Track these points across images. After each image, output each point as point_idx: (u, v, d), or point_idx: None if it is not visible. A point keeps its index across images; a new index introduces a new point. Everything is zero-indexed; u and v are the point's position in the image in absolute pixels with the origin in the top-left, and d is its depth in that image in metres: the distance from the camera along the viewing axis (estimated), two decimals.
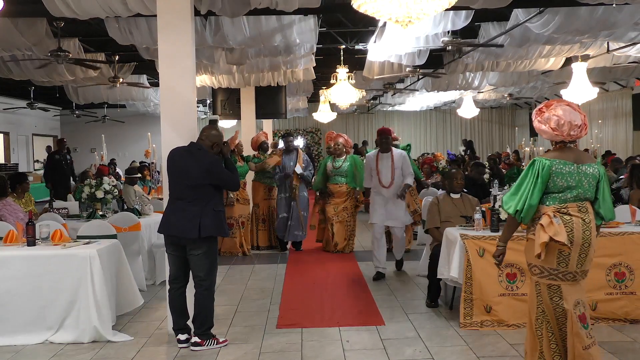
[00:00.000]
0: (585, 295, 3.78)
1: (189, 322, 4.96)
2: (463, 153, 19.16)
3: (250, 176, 9.64)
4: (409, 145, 9.34)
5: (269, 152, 9.78)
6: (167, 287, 5.02)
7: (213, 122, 5.79)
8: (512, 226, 3.88)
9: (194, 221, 4.67)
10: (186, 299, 4.97)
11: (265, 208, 9.45)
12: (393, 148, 7.30)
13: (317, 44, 8.97)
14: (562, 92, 10.82)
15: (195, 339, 4.85)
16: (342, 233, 8.97)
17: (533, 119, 3.85)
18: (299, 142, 24.09)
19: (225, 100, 12.39)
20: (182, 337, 4.91)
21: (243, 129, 12.33)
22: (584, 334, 3.65)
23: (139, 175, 10.05)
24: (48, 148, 19.80)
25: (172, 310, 4.99)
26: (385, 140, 7.24)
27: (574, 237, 3.61)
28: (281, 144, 12.16)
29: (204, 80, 11.22)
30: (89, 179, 7.94)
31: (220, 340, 4.93)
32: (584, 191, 3.69)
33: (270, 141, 11.24)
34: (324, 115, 16.60)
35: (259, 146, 9.77)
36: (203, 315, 4.85)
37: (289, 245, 9.44)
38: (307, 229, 9.29)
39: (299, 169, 9.06)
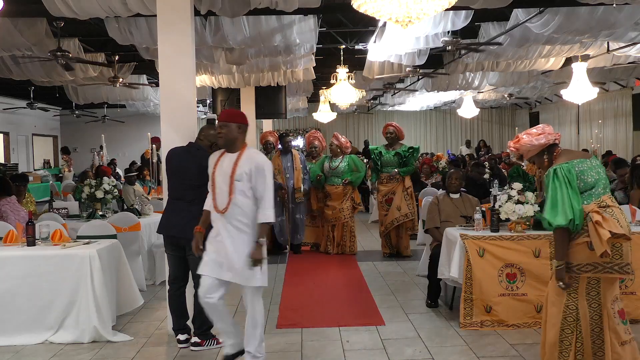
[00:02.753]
0: (618, 290, 3.77)
1: (189, 322, 4.96)
2: (475, 153, 19.13)
3: None
4: (411, 148, 8.55)
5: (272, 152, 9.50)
6: (167, 287, 5.03)
7: (211, 122, 5.76)
8: (566, 240, 3.63)
9: (193, 222, 4.67)
10: (186, 299, 4.98)
11: None
12: (248, 147, 4.24)
13: (317, 44, 8.97)
14: (562, 92, 10.81)
15: (195, 339, 4.85)
16: (341, 234, 8.79)
17: (519, 148, 3.90)
18: (299, 141, 24.07)
19: (225, 100, 12.40)
20: (182, 337, 4.91)
21: None
22: (622, 330, 3.64)
23: (136, 173, 10.06)
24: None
25: (171, 310, 4.99)
26: (221, 130, 4.20)
27: (622, 227, 3.59)
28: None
29: (204, 80, 11.22)
30: (89, 179, 7.94)
31: (220, 340, 4.92)
32: (605, 182, 3.73)
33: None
34: (324, 115, 16.62)
35: (263, 145, 9.69)
36: (203, 316, 4.82)
37: (287, 250, 9.16)
38: (304, 233, 9.05)
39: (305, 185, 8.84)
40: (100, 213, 7.19)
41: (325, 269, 7.96)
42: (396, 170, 8.37)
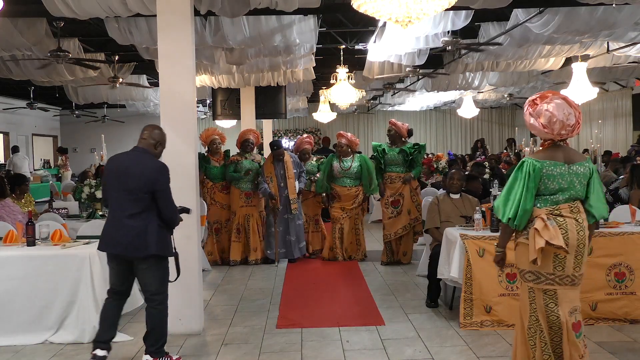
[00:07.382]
0: (579, 302, 3.69)
1: (114, 340, 4.58)
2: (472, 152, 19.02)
3: None
4: (417, 145, 8.18)
5: (254, 151, 8.74)
6: (105, 296, 4.60)
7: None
8: (508, 232, 3.74)
9: (139, 239, 4.24)
10: (120, 314, 4.60)
11: (241, 217, 8.35)
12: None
13: (317, 44, 8.97)
14: (562, 92, 10.76)
15: (147, 357, 4.44)
16: (351, 238, 8.38)
17: (524, 110, 3.68)
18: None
19: (225, 100, 12.40)
20: (101, 353, 4.43)
21: (243, 129, 12.31)
22: (579, 342, 3.59)
23: None
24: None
25: (102, 320, 4.50)
26: None
27: (569, 239, 3.52)
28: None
29: (204, 80, 11.23)
30: (88, 179, 7.93)
31: (174, 358, 4.52)
32: (575, 192, 3.60)
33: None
34: (324, 115, 16.61)
35: (242, 144, 8.72)
36: (157, 332, 4.45)
37: (276, 265, 8.27)
38: (304, 237, 8.65)
39: (297, 186, 8.27)
40: (100, 213, 7.19)
41: (326, 269, 7.96)
42: (412, 175, 8.00)
